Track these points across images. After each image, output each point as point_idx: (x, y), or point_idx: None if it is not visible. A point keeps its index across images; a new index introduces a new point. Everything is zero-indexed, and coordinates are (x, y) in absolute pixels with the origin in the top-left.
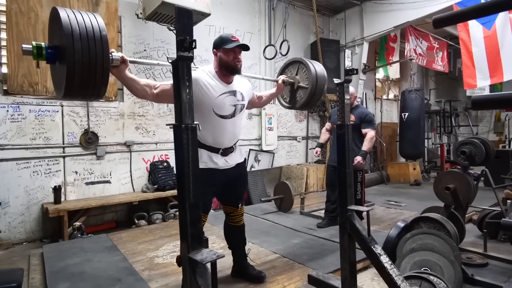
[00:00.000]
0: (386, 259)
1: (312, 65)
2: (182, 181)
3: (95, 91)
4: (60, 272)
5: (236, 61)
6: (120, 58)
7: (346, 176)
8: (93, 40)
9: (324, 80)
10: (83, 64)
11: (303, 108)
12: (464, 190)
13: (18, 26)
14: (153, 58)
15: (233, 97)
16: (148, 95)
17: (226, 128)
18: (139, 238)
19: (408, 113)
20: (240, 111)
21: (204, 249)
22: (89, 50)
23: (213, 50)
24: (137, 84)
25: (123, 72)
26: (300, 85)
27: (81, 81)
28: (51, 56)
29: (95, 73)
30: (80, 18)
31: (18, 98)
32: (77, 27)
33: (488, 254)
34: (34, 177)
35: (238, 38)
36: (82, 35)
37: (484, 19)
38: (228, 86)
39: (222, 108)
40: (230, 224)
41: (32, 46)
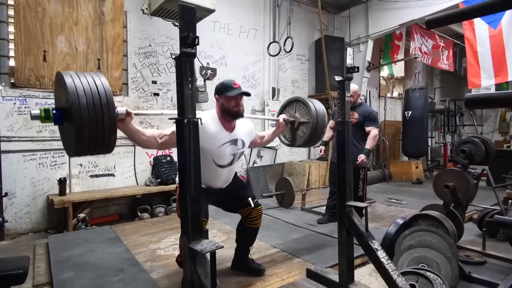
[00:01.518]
0: (383, 254)
1: (310, 102)
2: (184, 173)
3: (104, 147)
4: (64, 261)
5: (237, 107)
6: (124, 112)
7: (346, 173)
8: (98, 100)
9: (324, 114)
10: (90, 124)
11: (306, 144)
12: (463, 188)
13: (26, 20)
14: (158, 53)
15: (234, 146)
16: (153, 145)
17: (221, 175)
18: (142, 230)
19: (411, 111)
20: (238, 158)
21: (204, 240)
22: (95, 110)
23: (215, 95)
24: (142, 135)
25: (129, 125)
26: (302, 121)
27: (89, 140)
28: (59, 117)
29: (102, 130)
30: (85, 80)
31: (25, 91)
32: (82, 90)
33: (486, 253)
34: (40, 169)
35: (239, 85)
36: (88, 97)
37: (490, 18)
38: (230, 134)
39: (222, 158)
40: (248, 226)
41: (39, 110)
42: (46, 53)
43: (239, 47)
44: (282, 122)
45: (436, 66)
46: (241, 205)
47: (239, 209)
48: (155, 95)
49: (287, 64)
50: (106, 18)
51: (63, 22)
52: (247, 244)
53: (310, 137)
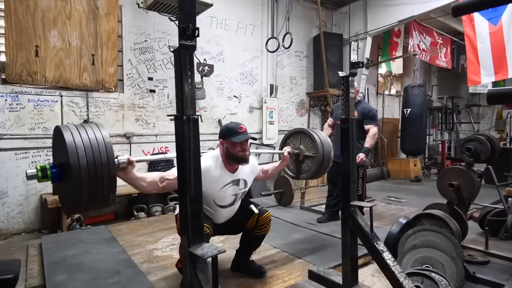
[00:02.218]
0: (389, 256)
1: (316, 134)
2: (183, 173)
3: (103, 204)
4: (58, 263)
5: (243, 153)
6: (126, 160)
7: (350, 172)
8: (98, 154)
9: (329, 147)
10: (89, 180)
11: (313, 177)
12: (468, 187)
13: (17, 13)
14: (154, 49)
15: (236, 187)
16: (155, 189)
17: (222, 215)
18: (138, 230)
19: (410, 109)
20: (240, 198)
21: (205, 243)
22: (95, 165)
23: (219, 139)
24: (143, 182)
25: (131, 173)
26: (307, 155)
27: (89, 196)
28: (57, 176)
29: (102, 184)
30: (85, 136)
31: (17, 87)
32: (81, 145)
33: (489, 252)
34: (32, 167)
35: (245, 129)
36: (87, 152)
37: (490, 15)
38: (232, 175)
39: (223, 199)
40: (255, 234)
41: (36, 169)
42: (39, 48)
43: (236, 43)
44: (287, 156)
45: (434, 63)
46: (245, 217)
47: (245, 222)
48: (151, 91)
49: (285, 61)
50: (100, 12)
51: (55, 16)
52: (252, 249)
53: (316, 172)
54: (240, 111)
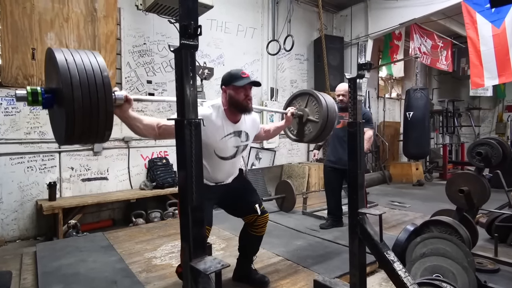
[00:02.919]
0: (400, 267)
1: (323, 98)
2: (185, 181)
3: (98, 136)
4: (53, 273)
5: (247, 100)
6: (123, 97)
7: (358, 177)
8: (93, 82)
9: (334, 114)
10: (83, 109)
11: (311, 142)
12: (478, 193)
13: (13, 16)
14: (153, 52)
15: (237, 138)
16: (151, 134)
17: (223, 168)
18: (137, 237)
19: (413, 112)
20: (241, 151)
21: (208, 257)
22: (89, 93)
23: (222, 86)
24: (140, 123)
25: (127, 111)
26: (310, 119)
27: (82, 127)
28: (48, 101)
29: (97, 117)
30: (79, 58)
31: (12, 91)
32: (75, 68)
33: (499, 259)
34: (28, 172)
35: (248, 74)
36: (82, 78)
37: (493, 17)
38: (234, 125)
39: (224, 150)
40: (251, 233)
41: (26, 92)
42: (35, 51)
43: (236, 46)
44: (289, 116)
45: (435, 66)
46: (247, 211)
47: (244, 215)
48: (150, 95)
49: (285, 64)
50: (98, 14)
51: (53, 18)
52: (251, 253)
53: (315, 137)
54: None
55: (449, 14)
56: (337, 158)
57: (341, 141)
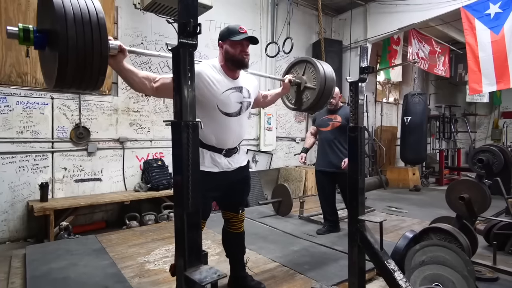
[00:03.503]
0: (401, 276)
1: (321, 65)
2: (180, 186)
3: (91, 82)
4: (42, 277)
5: (243, 55)
6: (118, 46)
7: (358, 183)
8: (88, 23)
9: (332, 81)
10: (77, 50)
11: (309, 110)
12: (479, 200)
13: (7, 12)
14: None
15: (239, 94)
16: (147, 89)
17: (231, 127)
18: (130, 240)
19: (410, 117)
20: (246, 109)
21: (203, 266)
22: (84, 35)
23: (219, 42)
24: (135, 76)
25: (121, 62)
26: (307, 86)
27: (75, 70)
28: (40, 40)
29: (91, 61)
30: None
31: (5, 89)
32: (70, 8)
33: (498, 268)
34: (20, 172)
35: (246, 30)
36: (77, 18)
37: (492, 24)
38: (234, 81)
39: (228, 105)
40: (229, 230)
41: (18, 29)
42: (29, 49)
43: None
44: (287, 83)
45: (433, 71)
46: (231, 208)
47: (226, 210)
48: (146, 95)
49: (284, 67)
50: None
51: None
52: (239, 255)
53: (313, 105)
54: None
55: (448, 20)
56: (327, 162)
57: (330, 144)
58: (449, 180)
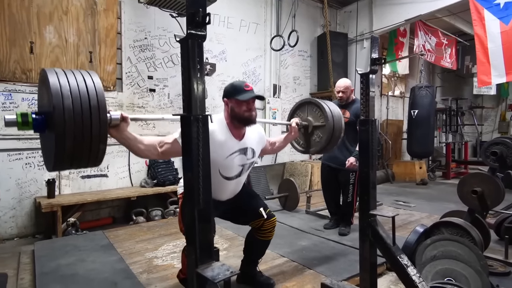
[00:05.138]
0: (414, 271)
1: (324, 103)
2: (191, 182)
3: (91, 159)
4: (51, 273)
5: (250, 112)
6: (119, 117)
7: (370, 177)
8: (87, 103)
9: (340, 116)
10: (75, 131)
11: (323, 149)
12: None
13: (11, 8)
14: (154, 47)
15: (243, 156)
16: (153, 155)
17: (228, 188)
18: (137, 236)
19: (417, 110)
20: (247, 170)
21: (215, 263)
22: (82, 114)
23: (224, 99)
24: (140, 144)
25: (124, 131)
26: (316, 125)
27: (72, 151)
28: (39, 124)
29: (90, 140)
30: (73, 80)
31: (10, 85)
32: (67, 88)
33: (510, 262)
34: (26, 169)
35: (251, 87)
36: (75, 100)
37: (501, 14)
38: (239, 142)
39: (229, 169)
40: (258, 238)
41: (16, 115)
42: (33, 45)
43: (239, 41)
44: (295, 127)
45: (439, 64)
46: (252, 217)
47: (250, 221)
48: (151, 91)
49: (288, 60)
50: (98, 8)
51: (52, 11)
52: (257, 257)
53: (327, 142)
54: None
55: (455, 11)
56: (332, 156)
57: None
58: (456, 173)
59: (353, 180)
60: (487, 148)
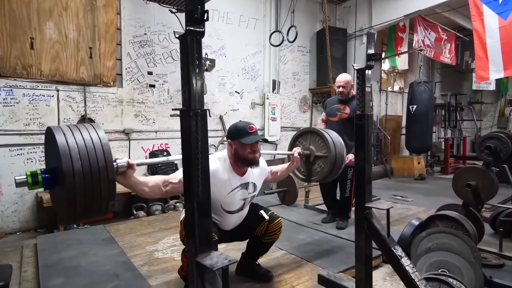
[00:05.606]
0: (408, 262)
1: (326, 133)
2: (190, 175)
3: (101, 212)
4: (53, 265)
5: (253, 154)
6: (125, 164)
7: (365, 171)
8: (94, 158)
9: (342, 146)
10: (85, 186)
11: (325, 179)
12: (486, 188)
13: (11, 4)
14: (154, 42)
15: (245, 191)
16: (157, 194)
17: (230, 221)
18: (138, 230)
19: (416, 105)
20: (249, 203)
21: (214, 252)
22: (90, 169)
23: (228, 139)
24: (145, 186)
25: (131, 177)
26: (318, 155)
27: (83, 207)
28: (49, 181)
29: (99, 191)
30: (79, 137)
31: (11, 81)
32: (75, 147)
33: (503, 254)
34: (28, 164)
35: (255, 129)
36: (82, 155)
37: (500, 9)
38: (241, 178)
39: (231, 205)
40: (265, 241)
41: (26, 175)
42: (34, 40)
43: (238, 37)
44: (297, 157)
45: (439, 59)
46: (254, 223)
47: (255, 229)
48: (151, 86)
49: (288, 56)
50: (98, 3)
51: (51, 7)
52: (260, 254)
53: (329, 172)
54: (242, 107)
55: (454, 6)
56: None
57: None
58: (454, 169)
59: (351, 176)
60: (481, 143)
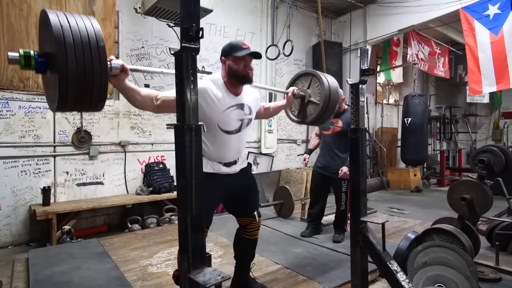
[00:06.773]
0: (403, 277)
1: (326, 79)
2: (184, 189)
3: (92, 103)
4: (45, 281)
5: (247, 69)
6: (120, 66)
7: (360, 185)
8: (88, 45)
9: (337, 97)
10: (77, 73)
11: (312, 124)
12: (481, 201)
13: (10, 17)
14: (151, 55)
15: (240, 111)
16: (149, 106)
17: (230, 144)
18: (132, 243)
19: (411, 118)
20: (246, 125)
21: (207, 268)
22: (84, 57)
23: (221, 58)
24: (137, 94)
25: (123, 81)
26: (311, 100)
27: (76, 92)
28: (41, 65)
29: (91, 83)
30: (73, 21)
31: (7, 94)
32: (69, 31)
33: (500, 268)
34: (22, 177)
35: (248, 45)
36: (76, 40)
37: (491, 24)
38: (236, 98)
39: (228, 123)
40: (244, 236)
41: (19, 55)
42: None
43: None
44: (290, 96)
45: (433, 73)
46: (246, 213)
47: (241, 216)
48: None
49: (284, 69)
50: (96, 17)
51: None
52: (247, 259)
53: (315, 120)
54: None
55: (447, 21)
56: (325, 165)
57: (329, 148)
58: (450, 181)
59: (345, 188)
60: (475, 156)
